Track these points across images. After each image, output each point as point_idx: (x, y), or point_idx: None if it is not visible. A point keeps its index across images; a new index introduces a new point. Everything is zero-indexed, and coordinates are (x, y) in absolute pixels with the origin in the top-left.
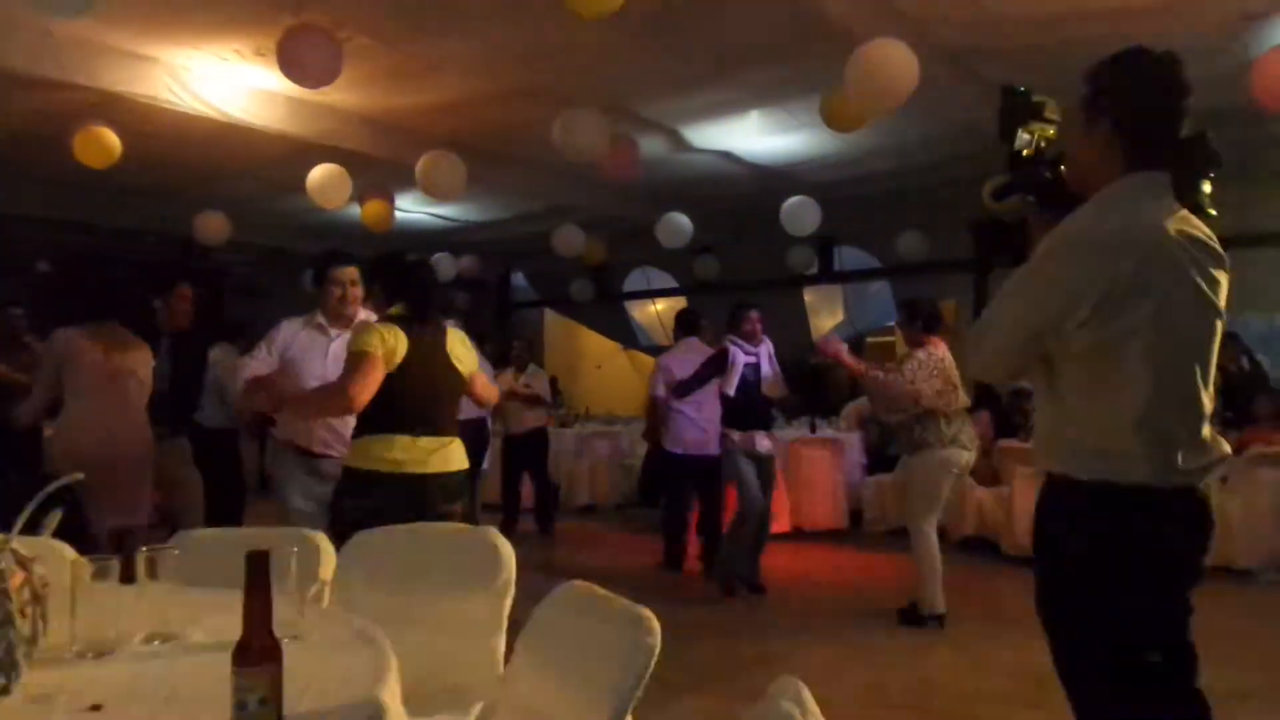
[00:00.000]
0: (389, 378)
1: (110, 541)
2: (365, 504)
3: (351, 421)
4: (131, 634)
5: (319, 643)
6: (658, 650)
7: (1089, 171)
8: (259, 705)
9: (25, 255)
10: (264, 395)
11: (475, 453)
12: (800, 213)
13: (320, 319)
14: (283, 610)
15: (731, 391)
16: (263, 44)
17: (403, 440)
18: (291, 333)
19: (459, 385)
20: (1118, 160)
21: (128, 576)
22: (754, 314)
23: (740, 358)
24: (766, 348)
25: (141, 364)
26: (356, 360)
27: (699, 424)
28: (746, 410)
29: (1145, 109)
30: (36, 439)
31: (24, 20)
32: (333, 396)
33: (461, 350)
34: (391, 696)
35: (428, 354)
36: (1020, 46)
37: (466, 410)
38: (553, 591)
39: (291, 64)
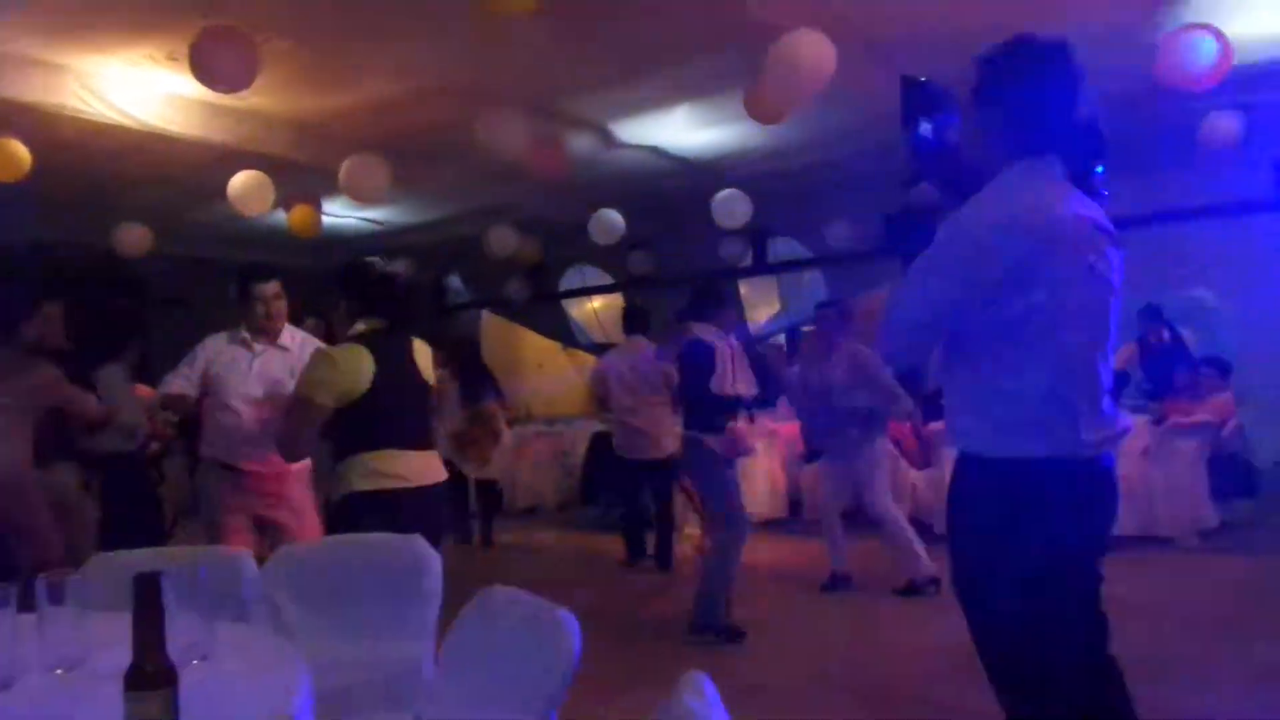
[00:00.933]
0: (364, 397)
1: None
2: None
3: None
4: (32, 664)
5: (229, 663)
6: (577, 652)
7: (984, 155)
8: None
9: None
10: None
11: None
12: (730, 205)
13: (245, 334)
14: (193, 631)
15: (734, 389)
16: (176, 48)
17: (401, 454)
18: (215, 349)
19: (428, 396)
20: (1009, 146)
21: (26, 605)
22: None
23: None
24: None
25: (29, 387)
26: (296, 404)
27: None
28: (718, 408)
29: (1035, 96)
30: None
31: None
32: (283, 452)
33: (424, 361)
34: (300, 713)
35: (399, 368)
36: (934, 34)
37: None
38: (476, 597)
39: (205, 68)
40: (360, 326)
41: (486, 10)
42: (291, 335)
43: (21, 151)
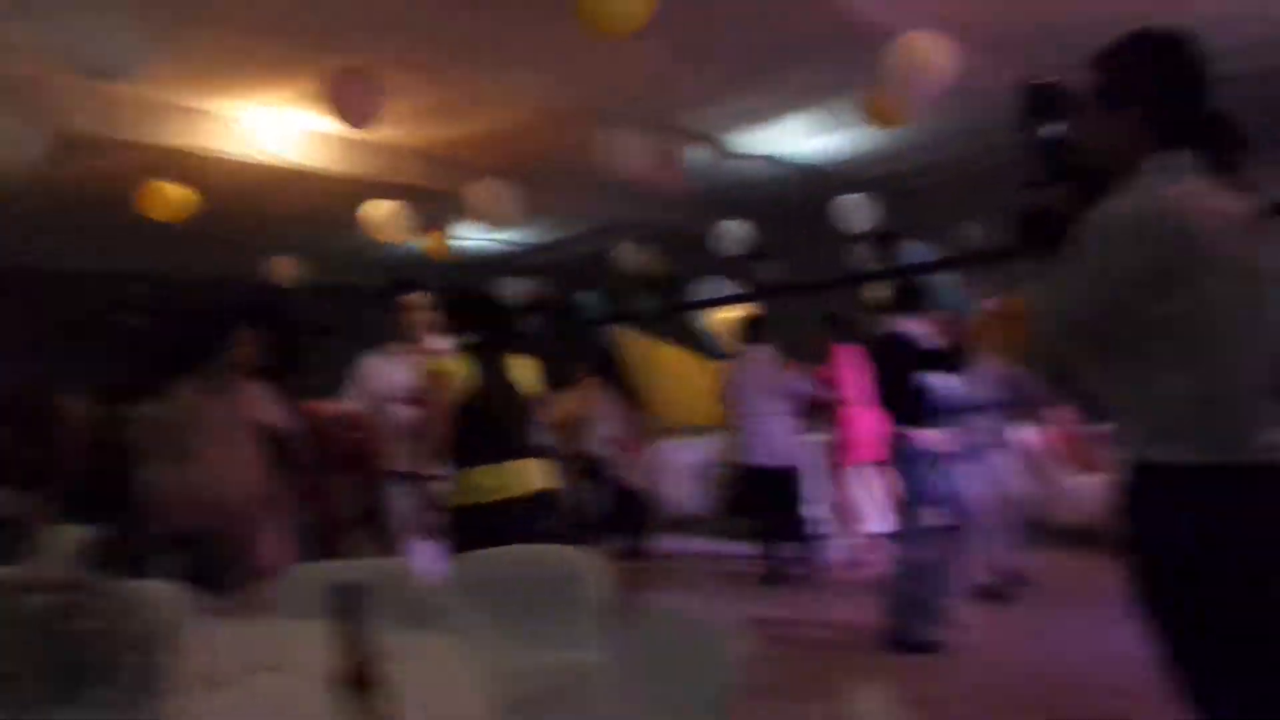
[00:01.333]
0: (468, 409)
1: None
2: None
3: None
4: (243, 666)
5: (418, 668)
6: (743, 661)
7: (1113, 157)
8: None
9: (111, 311)
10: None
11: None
12: (854, 210)
13: (394, 347)
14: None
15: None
16: (309, 89)
17: (490, 468)
18: (372, 367)
19: (527, 409)
20: (1143, 143)
21: (238, 611)
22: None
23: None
24: None
25: (253, 407)
26: (425, 396)
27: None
28: (921, 403)
29: (1161, 89)
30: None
31: (87, 86)
32: (418, 442)
33: (525, 374)
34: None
35: (498, 382)
36: (1058, 26)
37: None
38: (640, 607)
39: (337, 106)
40: (464, 342)
41: (598, 34)
42: (437, 346)
43: (182, 194)
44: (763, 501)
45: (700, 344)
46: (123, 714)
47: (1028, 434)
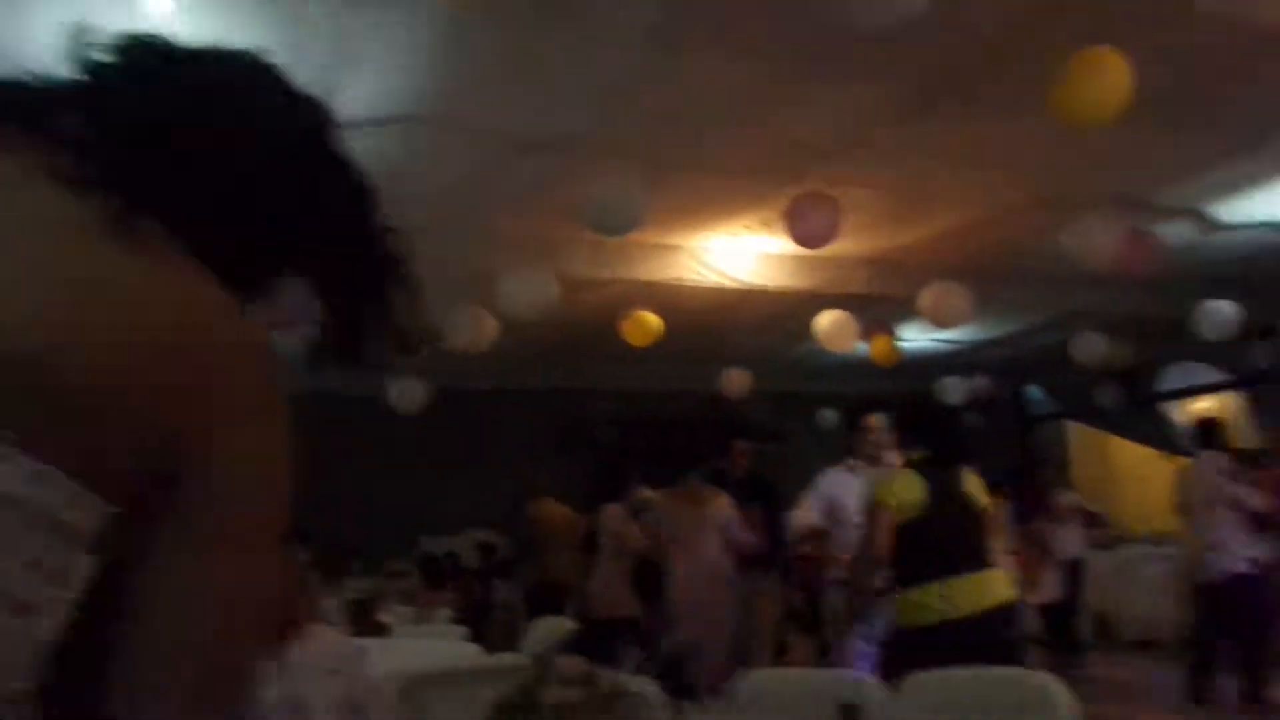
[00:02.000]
0: (914, 525)
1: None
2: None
3: None
4: None
5: None
6: None
7: None
8: None
9: (589, 426)
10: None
11: None
12: None
13: (853, 462)
14: None
15: None
16: (768, 216)
17: (937, 586)
18: (834, 478)
19: (981, 521)
20: None
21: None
22: None
23: None
24: None
25: (718, 513)
26: (870, 513)
27: None
28: None
29: None
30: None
31: (581, 236)
32: (859, 560)
33: (976, 488)
34: None
35: (949, 496)
36: None
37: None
38: None
39: (798, 230)
40: (912, 456)
41: (1072, 127)
42: (894, 462)
43: (654, 321)
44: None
45: (1169, 441)
46: None
47: None
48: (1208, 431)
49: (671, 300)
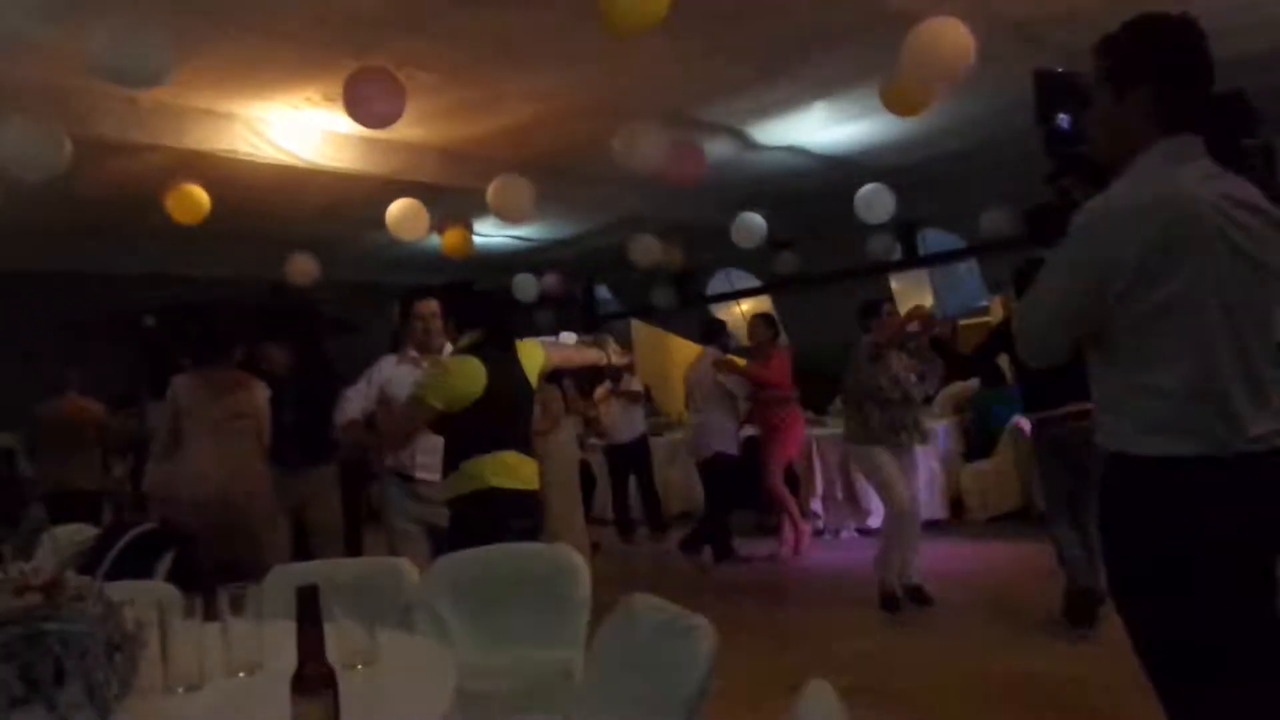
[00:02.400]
0: (480, 404)
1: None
2: (533, 523)
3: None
4: (220, 668)
5: (389, 668)
6: (713, 657)
7: (1119, 142)
8: None
9: (132, 312)
10: (362, 433)
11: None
12: (874, 200)
13: (412, 352)
14: (356, 638)
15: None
16: (331, 90)
17: (522, 457)
18: (390, 368)
19: (532, 402)
20: (1150, 127)
21: (211, 614)
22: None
23: None
24: None
25: (250, 403)
26: (406, 401)
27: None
28: None
29: (1176, 71)
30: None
31: (110, 91)
32: (390, 434)
33: (530, 362)
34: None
35: (511, 377)
36: (1080, 8)
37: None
38: (619, 605)
39: (357, 106)
40: (464, 340)
41: (615, 32)
42: (446, 353)
43: (201, 195)
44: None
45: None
46: (97, 716)
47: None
48: (709, 330)
49: (225, 175)
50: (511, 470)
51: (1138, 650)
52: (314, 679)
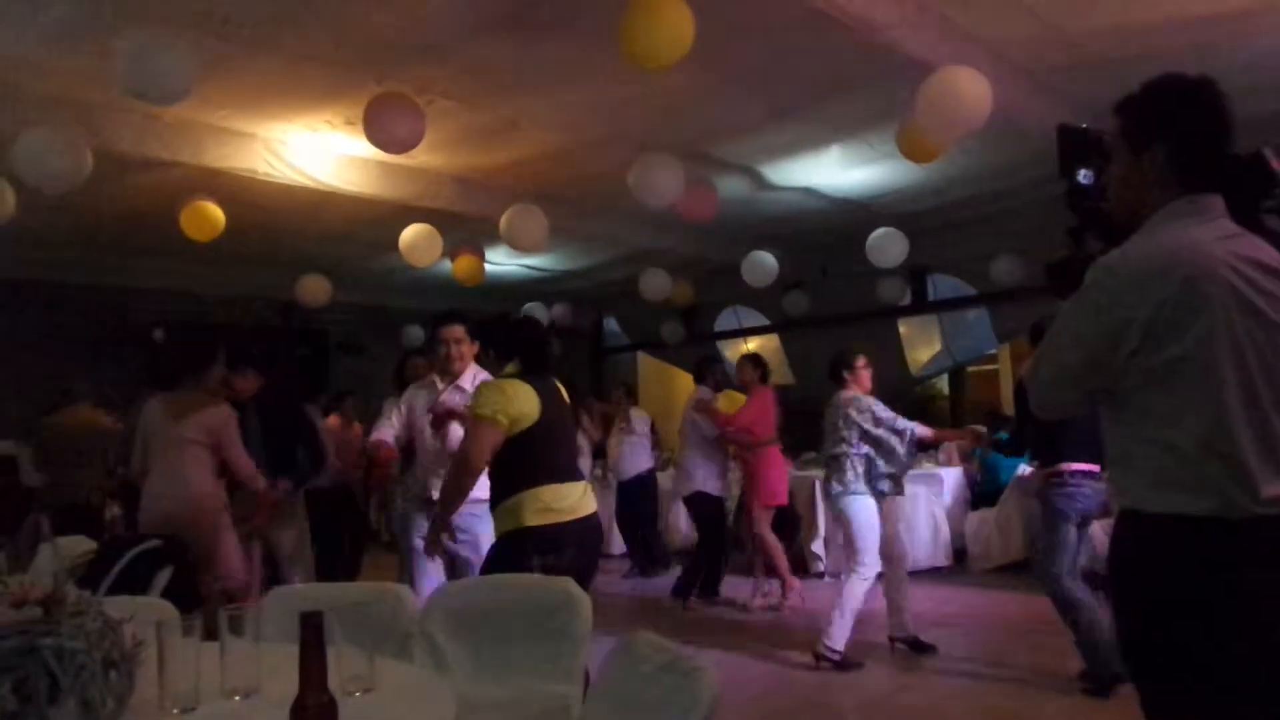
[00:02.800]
0: (532, 431)
1: (220, 601)
2: (563, 559)
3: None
4: (216, 690)
5: (388, 697)
6: (715, 700)
7: (1136, 201)
8: None
9: (143, 325)
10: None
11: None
12: (887, 244)
13: (433, 378)
14: (357, 665)
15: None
16: (351, 114)
17: (566, 488)
18: (412, 395)
19: (576, 433)
20: (1167, 186)
21: (210, 634)
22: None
23: None
24: None
25: (203, 429)
26: (473, 426)
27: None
28: None
29: (1193, 132)
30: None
31: (133, 106)
32: (458, 471)
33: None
34: None
35: (557, 404)
36: (1098, 62)
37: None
38: (620, 641)
39: (378, 131)
40: (510, 369)
41: (638, 65)
42: (474, 376)
43: (216, 213)
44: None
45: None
46: None
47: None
48: (700, 368)
49: (241, 194)
50: (549, 506)
51: (1144, 709)
52: (314, 708)
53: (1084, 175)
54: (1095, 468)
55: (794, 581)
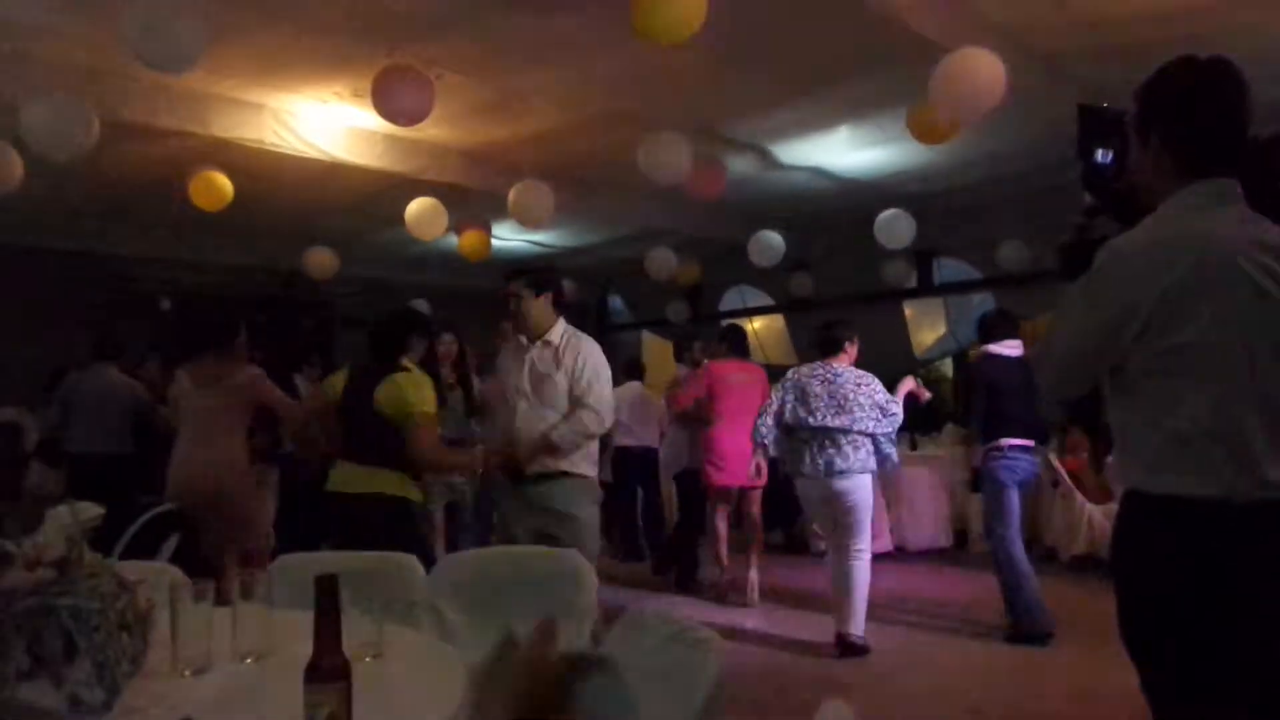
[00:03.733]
0: None
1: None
2: None
3: None
4: (227, 652)
5: (398, 662)
6: (720, 669)
7: (1151, 184)
8: None
9: (149, 294)
10: None
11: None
12: (894, 226)
13: (519, 337)
14: (366, 631)
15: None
16: (360, 85)
17: None
18: (501, 356)
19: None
20: (1174, 173)
21: (221, 599)
22: None
23: None
24: None
25: (234, 392)
26: None
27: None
28: None
29: (1192, 120)
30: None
31: (141, 75)
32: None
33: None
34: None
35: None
36: (1113, 47)
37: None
38: (625, 614)
39: (386, 103)
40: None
41: (650, 40)
42: (563, 333)
43: (224, 183)
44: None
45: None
46: (106, 694)
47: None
48: (678, 347)
49: (249, 165)
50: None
51: (1144, 688)
52: (329, 669)
53: (1101, 155)
54: (1030, 442)
55: (748, 576)
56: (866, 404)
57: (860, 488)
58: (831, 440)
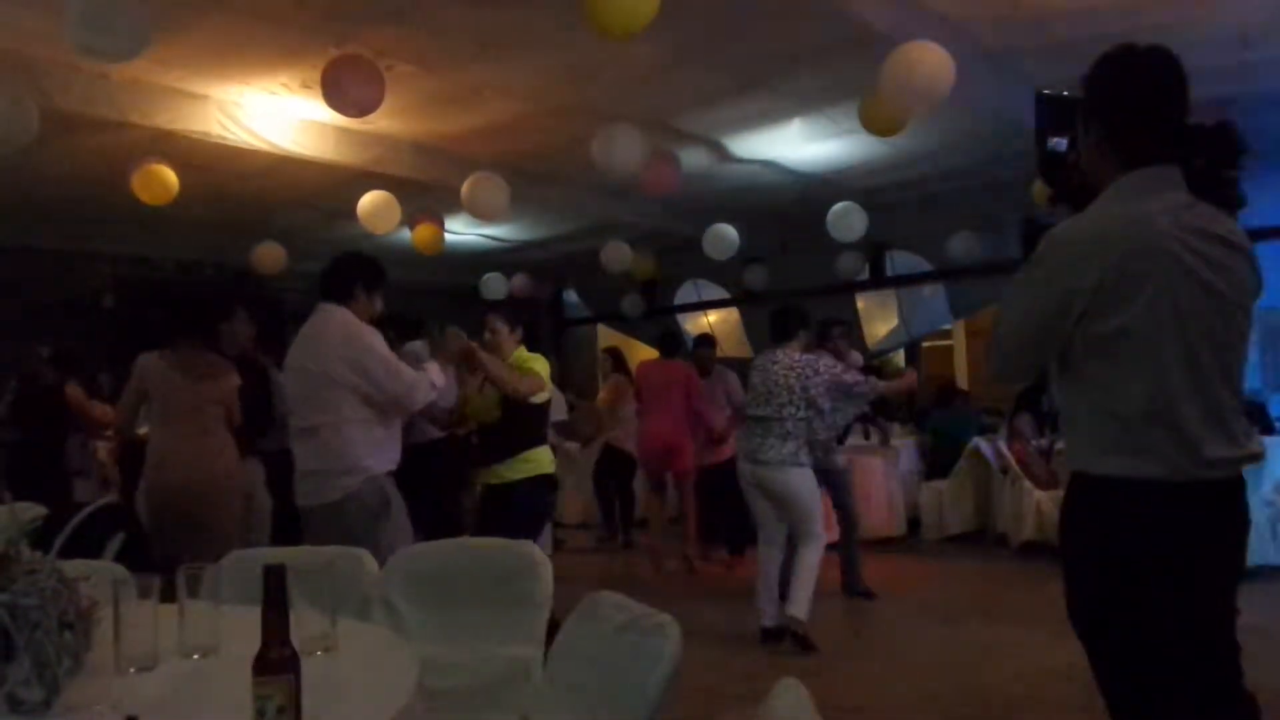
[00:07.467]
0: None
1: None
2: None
3: None
4: (172, 649)
5: (349, 656)
6: (679, 656)
7: (1095, 172)
8: (276, 713)
9: (92, 292)
10: None
11: None
12: (847, 219)
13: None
14: (318, 625)
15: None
16: (309, 77)
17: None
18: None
19: None
20: (1113, 161)
21: (166, 595)
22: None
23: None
24: None
25: (225, 394)
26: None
27: None
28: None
29: (1130, 110)
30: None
31: (81, 65)
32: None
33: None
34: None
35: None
36: (1061, 41)
37: None
38: (583, 601)
39: (335, 95)
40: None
41: (602, 33)
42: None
43: (169, 176)
44: None
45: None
46: (45, 693)
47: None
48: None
49: (196, 158)
50: (551, 460)
51: (1091, 664)
52: (278, 660)
53: (1056, 143)
54: None
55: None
56: (798, 388)
57: (790, 480)
58: (763, 428)
